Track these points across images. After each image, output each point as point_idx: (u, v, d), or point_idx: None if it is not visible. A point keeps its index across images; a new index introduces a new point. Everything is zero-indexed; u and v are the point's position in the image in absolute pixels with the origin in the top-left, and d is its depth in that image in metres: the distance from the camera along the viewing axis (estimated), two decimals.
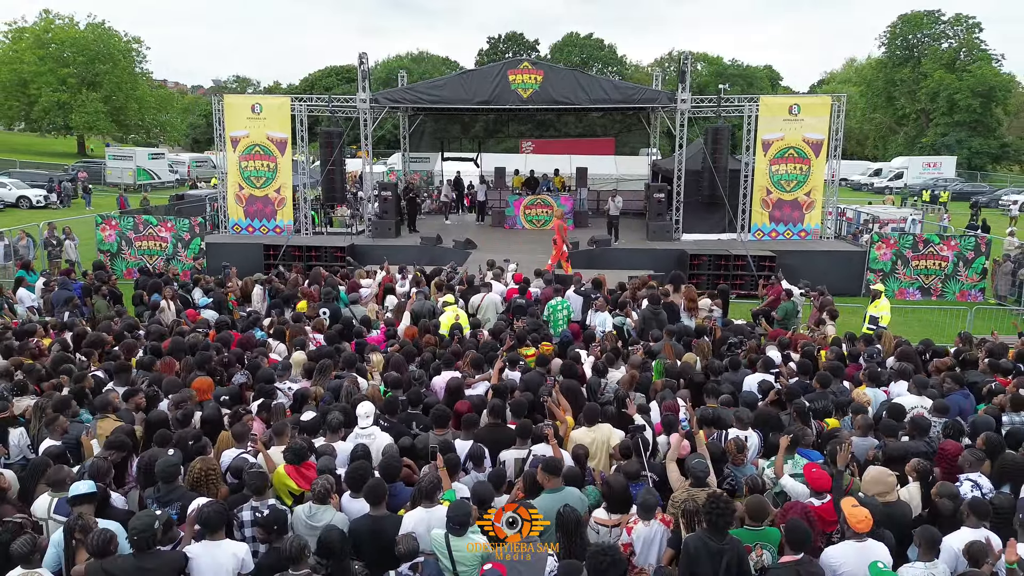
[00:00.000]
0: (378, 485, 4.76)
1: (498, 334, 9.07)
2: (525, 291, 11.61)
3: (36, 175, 36.69)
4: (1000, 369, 8.22)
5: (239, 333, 9.12)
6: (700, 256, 17.21)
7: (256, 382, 7.11)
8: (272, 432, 5.84)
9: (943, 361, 8.40)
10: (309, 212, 20.29)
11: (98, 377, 7.15)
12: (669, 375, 7.55)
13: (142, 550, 4.00)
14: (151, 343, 8.26)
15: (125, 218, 18.43)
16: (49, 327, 9.19)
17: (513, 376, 7.62)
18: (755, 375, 7.83)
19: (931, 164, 48.19)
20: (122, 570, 3.92)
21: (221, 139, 19.24)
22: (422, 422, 6.39)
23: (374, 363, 8.00)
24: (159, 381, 7.04)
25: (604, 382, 7.48)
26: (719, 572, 4.21)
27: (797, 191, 18.61)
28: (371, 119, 19.25)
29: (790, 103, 18.67)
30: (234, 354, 8.05)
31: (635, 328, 10.08)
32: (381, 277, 12.35)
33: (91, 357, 8.18)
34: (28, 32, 55.73)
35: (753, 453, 6.03)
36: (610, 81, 23.45)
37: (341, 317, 10.06)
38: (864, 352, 8.77)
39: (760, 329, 10.94)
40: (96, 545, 3.97)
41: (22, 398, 6.48)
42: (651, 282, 12.47)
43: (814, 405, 6.90)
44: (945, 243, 17.24)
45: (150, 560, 3.98)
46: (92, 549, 3.97)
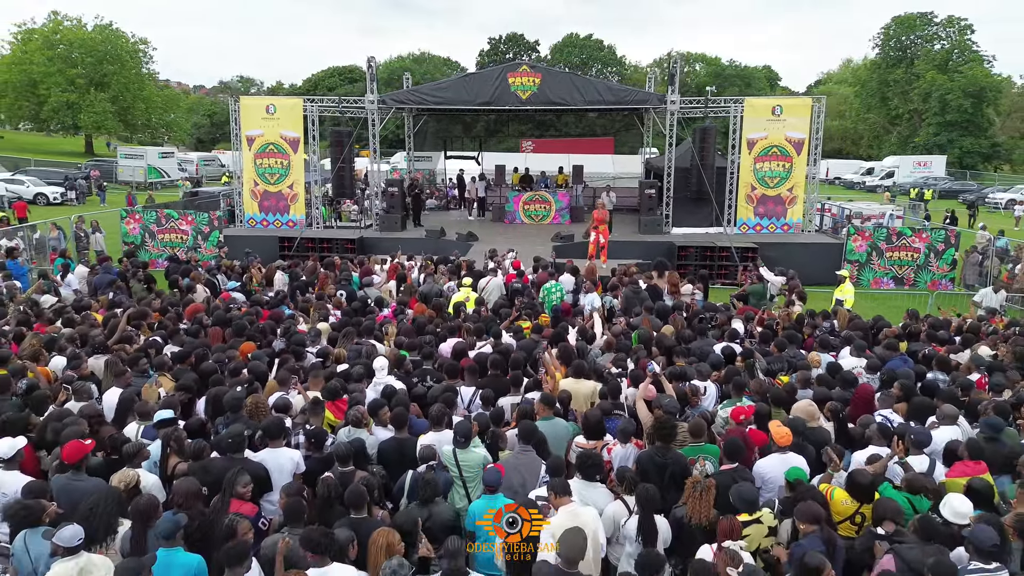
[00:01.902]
0: (402, 413, 5.93)
1: (499, 310, 10.27)
2: (522, 276, 12.78)
3: (51, 173, 37.90)
4: (937, 339, 9.42)
5: (267, 311, 10.31)
6: (688, 248, 18.37)
7: (290, 345, 8.28)
8: (309, 378, 7.03)
9: (890, 330, 9.58)
10: (319, 207, 21.44)
11: (155, 342, 8.32)
12: (645, 342, 8.72)
13: (234, 452, 5.20)
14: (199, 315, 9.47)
15: (148, 212, 19.62)
16: (99, 305, 10.37)
17: (511, 342, 8.80)
18: (721, 343, 9.00)
19: (921, 163, 49.35)
20: (217, 468, 5.10)
21: (237, 138, 20.39)
22: (433, 376, 7.56)
23: (389, 333, 9.17)
24: (206, 346, 8.23)
25: (589, 348, 8.65)
26: (664, 480, 5.37)
27: (780, 187, 19.77)
28: (378, 119, 20.43)
29: (773, 104, 19.82)
30: (269, 325, 9.23)
31: (620, 306, 11.25)
32: (391, 264, 13.54)
33: (140, 328, 9.36)
34: (37, 33, 56.75)
35: (711, 401, 7.19)
36: (604, 83, 24.56)
37: (356, 296, 11.25)
38: (821, 324, 9.96)
39: (734, 310, 12.10)
40: (193, 450, 5.18)
41: (99, 357, 7.65)
42: (635, 269, 13.63)
43: (771, 366, 8.08)
44: (917, 235, 18.41)
45: (238, 462, 5.15)
46: (190, 453, 5.18)
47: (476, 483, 5.50)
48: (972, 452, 5.55)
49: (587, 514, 4.63)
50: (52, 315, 9.53)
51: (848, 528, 4.98)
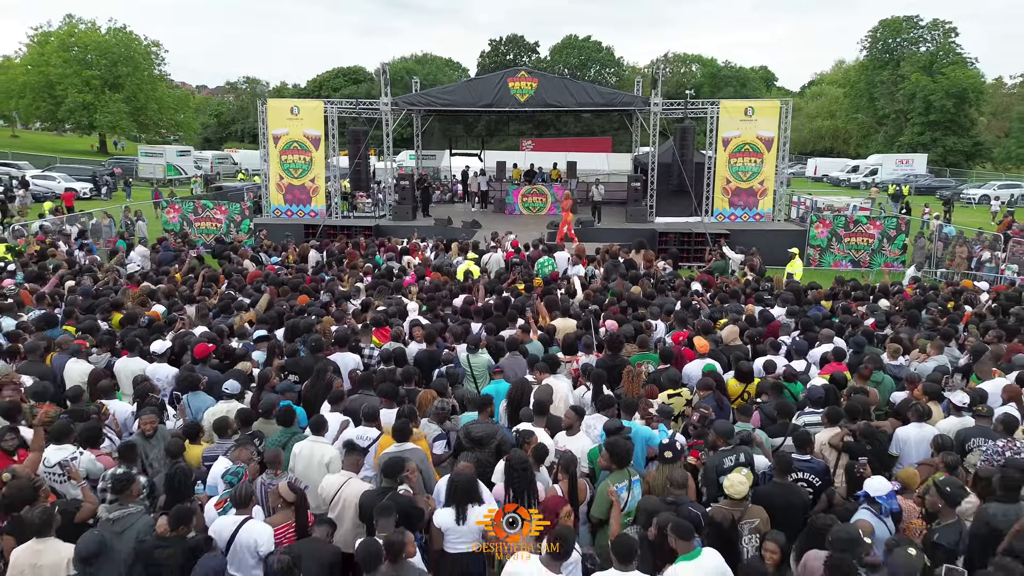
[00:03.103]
0: (432, 331, 8.22)
1: (499, 277, 12.56)
2: (520, 253, 15.07)
3: (77, 170, 40.20)
4: (854, 298, 11.68)
5: (309, 276, 12.60)
6: (668, 234, 20.64)
7: (336, 299, 10.56)
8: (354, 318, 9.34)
9: (818, 292, 11.87)
10: (338, 199, 23.71)
11: (229, 294, 10.62)
12: (616, 296, 11.00)
13: (315, 351, 7.47)
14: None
15: (187, 203, 21.92)
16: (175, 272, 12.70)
17: (510, 297, 11.08)
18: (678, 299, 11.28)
19: (903, 161, 51.62)
20: (305, 362, 7.37)
21: (264, 136, 22.66)
22: (450, 317, 9.83)
23: (413, 291, 11.45)
24: (272, 297, 10.52)
25: (571, 300, 10.93)
26: (612, 373, 7.62)
27: (752, 180, 22.04)
28: (391, 119, 22.69)
29: (745, 106, 22.09)
30: (313, 285, 11.53)
31: (602, 275, 13.53)
32: (410, 245, 15.85)
33: (212, 287, 11.65)
34: (53, 36, 58.80)
35: (661, 332, 9.46)
36: (595, 87, 26.76)
37: (382, 266, 13.54)
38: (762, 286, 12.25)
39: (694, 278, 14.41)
40: (289, 351, 7.49)
41: (189, 306, 9.94)
42: (617, 247, 15.90)
43: (713, 315, 10.36)
44: (872, 223, 20.67)
45: (321, 361, 7.40)
46: (287, 352, 7.48)
47: (482, 379, 7.77)
48: (836, 356, 7.84)
49: (559, 382, 6.93)
50: (139, 278, 11.83)
51: (739, 402, 7.24)
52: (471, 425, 6.05)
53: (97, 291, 10.70)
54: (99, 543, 4.21)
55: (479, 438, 5.89)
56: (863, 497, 4.96)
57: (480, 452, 5.84)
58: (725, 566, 4.29)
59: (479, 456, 5.80)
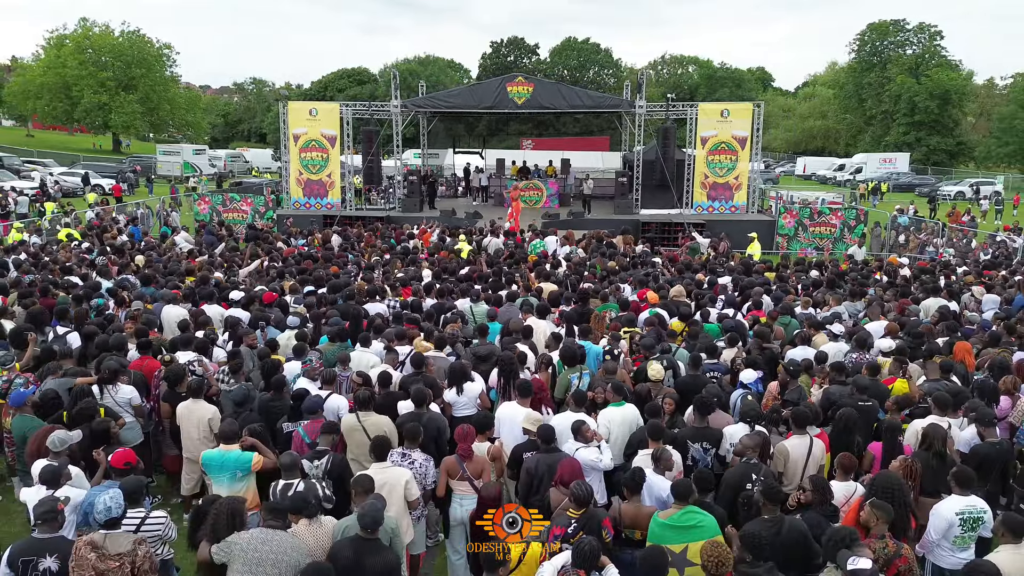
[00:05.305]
0: (445, 289, 10.49)
1: (497, 254, 14.85)
2: (515, 236, 17.36)
3: (100, 168, 42.54)
4: (793, 270, 13.94)
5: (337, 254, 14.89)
6: (650, 224, 22.89)
7: (362, 268, 12.84)
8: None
9: (762, 265, 14.13)
10: (351, 194, 25.98)
11: (273, 265, 12.90)
12: (599, 270, 13.28)
13: (349, 301, 9.73)
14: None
15: (216, 195, 24.22)
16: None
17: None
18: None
19: (887, 160, 53.85)
20: (342, 309, 9.62)
21: (285, 135, 24.91)
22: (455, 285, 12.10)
23: (425, 264, 13.73)
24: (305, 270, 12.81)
25: (556, 271, 13.20)
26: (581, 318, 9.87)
27: (728, 176, 24.28)
28: (401, 120, 24.95)
29: (721, 108, 24.34)
30: (340, 260, 13.81)
31: (583, 254, 15.81)
32: (420, 230, 18.14)
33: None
34: (69, 38, 60.96)
35: (628, 293, 11.71)
36: (585, 91, 29.04)
37: (397, 247, 15.84)
38: (719, 261, 14.53)
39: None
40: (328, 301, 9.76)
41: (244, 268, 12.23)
42: (603, 233, 18.19)
43: (672, 282, 12.62)
44: (834, 214, 22.92)
45: (354, 306, 9.65)
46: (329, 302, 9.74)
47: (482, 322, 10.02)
48: (756, 306, 10.11)
49: (541, 322, 9.22)
50: (197, 253, 14.14)
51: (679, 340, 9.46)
52: (476, 347, 8.33)
53: (166, 263, 13.00)
54: (246, 394, 6.51)
55: (483, 355, 8.14)
56: (740, 384, 7.25)
57: (484, 365, 8.08)
58: (638, 414, 6.53)
59: (484, 369, 8.03)
